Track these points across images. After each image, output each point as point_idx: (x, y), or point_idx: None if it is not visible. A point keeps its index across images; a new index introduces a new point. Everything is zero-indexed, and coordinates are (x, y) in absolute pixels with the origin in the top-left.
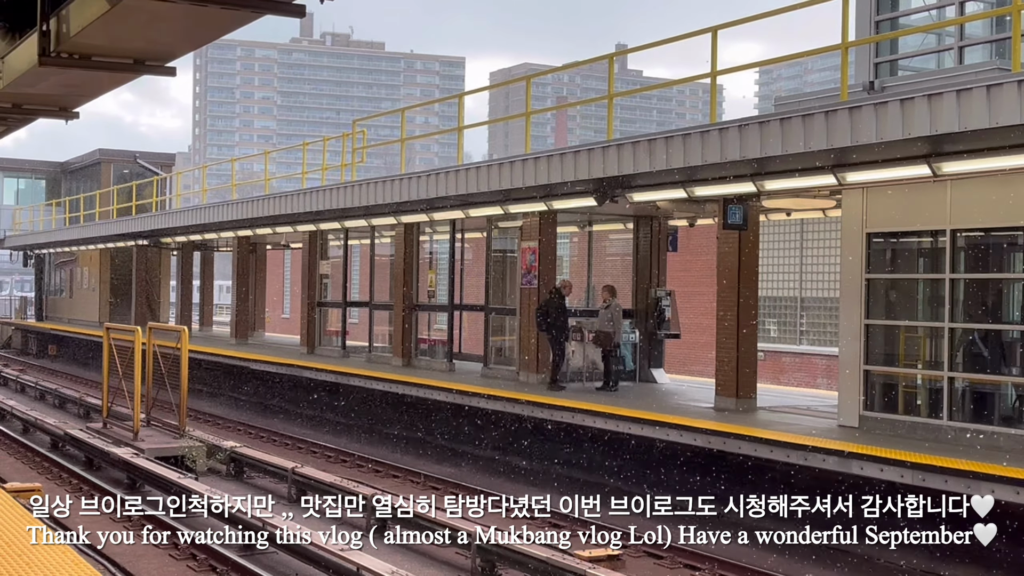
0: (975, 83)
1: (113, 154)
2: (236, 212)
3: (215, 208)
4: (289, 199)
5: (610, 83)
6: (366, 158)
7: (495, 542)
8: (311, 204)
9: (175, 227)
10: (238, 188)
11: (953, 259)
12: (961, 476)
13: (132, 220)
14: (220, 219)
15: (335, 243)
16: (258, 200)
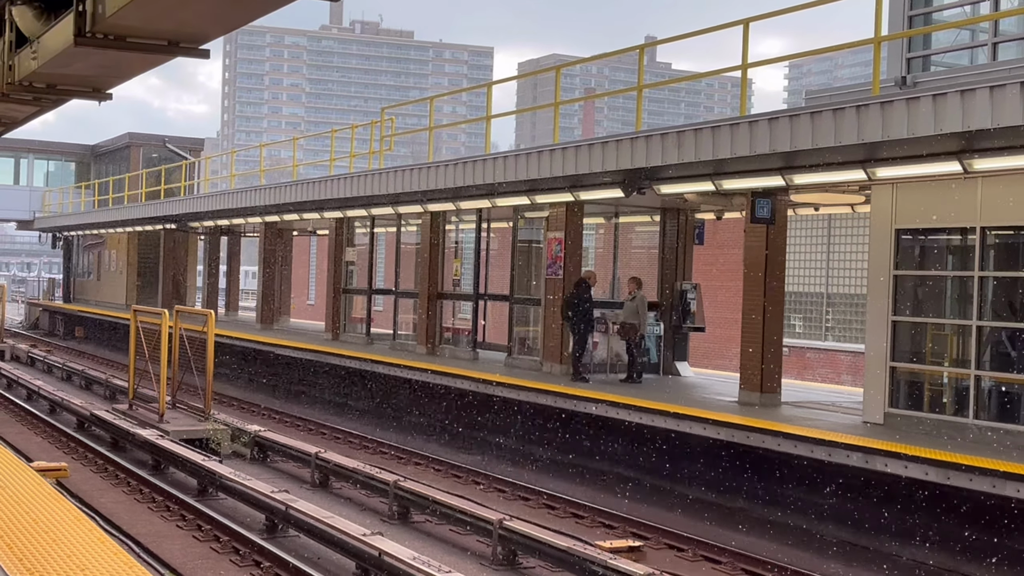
0: (1009, 80)
1: (142, 138)
2: (263, 198)
3: (243, 193)
4: (316, 186)
5: (640, 73)
6: (394, 146)
7: (517, 530)
8: (338, 191)
9: (203, 211)
10: (266, 174)
11: (982, 257)
12: (987, 475)
13: (160, 204)
14: (247, 204)
15: (361, 230)
16: (285, 186)
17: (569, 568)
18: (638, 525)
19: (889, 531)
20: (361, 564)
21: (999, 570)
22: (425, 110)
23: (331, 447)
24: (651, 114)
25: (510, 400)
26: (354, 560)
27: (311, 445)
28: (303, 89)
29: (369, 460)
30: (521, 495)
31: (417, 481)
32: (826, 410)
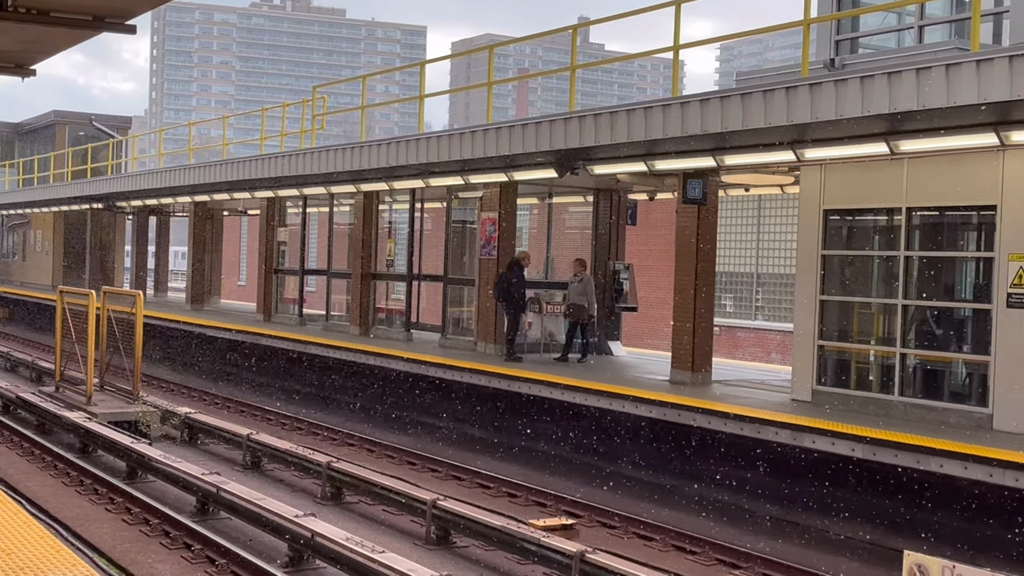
0: (934, 62)
1: (68, 116)
2: (193, 177)
3: (171, 173)
4: (247, 165)
5: (573, 54)
6: (326, 125)
7: (450, 510)
8: (269, 170)
9: (131, 191)
10: (195, 153)
11: (908, 237)
12: (911, 451)
13: (87, 183)
14: (176, 184)
15: (293, 210)
16: (215, 165)
17: (503, 547)
18: (571, 503)
19: (818, 507)
20: (294, 545)
21: (925, 543)
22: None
23: (263, 429)
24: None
25: (444, 380)
26: (287, 542)
27: (243, 427)
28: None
29: (302, 441)
30: (455, 475)
31: (350, 462)
32: (756, 388)
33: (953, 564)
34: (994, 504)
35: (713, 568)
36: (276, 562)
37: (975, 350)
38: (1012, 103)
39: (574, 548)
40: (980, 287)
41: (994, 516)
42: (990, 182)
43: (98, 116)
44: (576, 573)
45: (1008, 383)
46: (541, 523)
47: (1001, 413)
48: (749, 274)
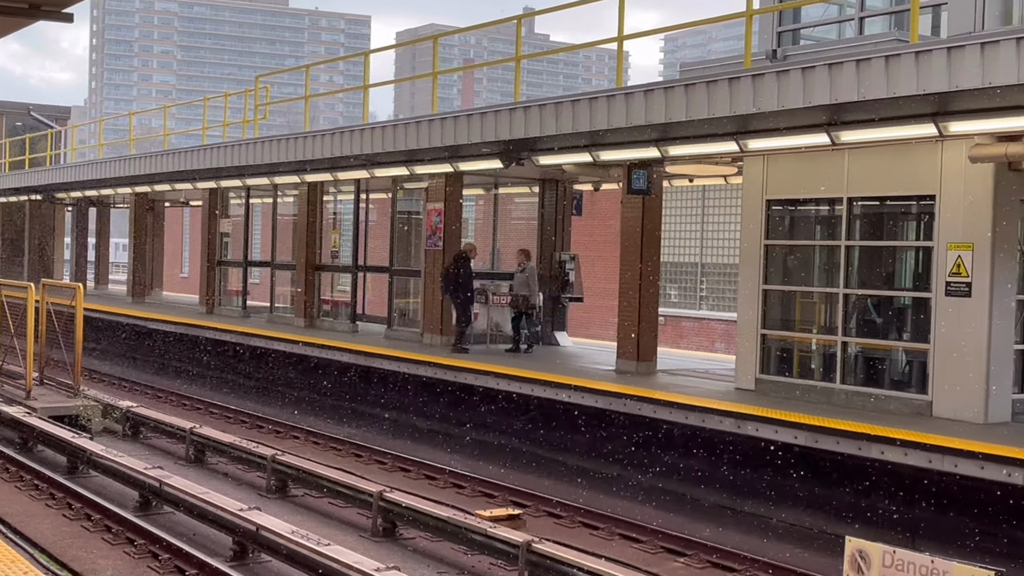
0: (874, 53)
1: (5, 106)
2: (133, 168)
3: (112, 163)
4: (188, 155)
5: (517, 45)
6: (269, 115)
7: (396, 502)
8: (211, 161)
9: (70, 182)
10: (136, 143)
11: (849, 227)
12: (853, 438)
13: (25, 174)
14: (117, 175)
15: (236, 201)
16: (156, 156)
17: (449, 538)
18: (518, 493)
19: (761, 494)
20: (238, 539)
21: (866, 529)
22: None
23: (207, 422)
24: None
25: (390, 372)
26: (231, 535)
27: (186, 420)
28: (174, 56)
29: (246, 435)
30: (401, 466)
31: (296, 455)
32: (700, 377)
33: (894, 549)
34: (934, 490)
35: (658, 556)
36: (221, 556)
37: (915, 338)
38: (950, 94)
39: (521, 538)
40: (920, 276)
41: (934, 502)
42: (929, 172)
43: (36, 106)
44: (523, 563)
45: (947, 370)
46: (488, 514)
47: (940, 400)
48: (694, 264)
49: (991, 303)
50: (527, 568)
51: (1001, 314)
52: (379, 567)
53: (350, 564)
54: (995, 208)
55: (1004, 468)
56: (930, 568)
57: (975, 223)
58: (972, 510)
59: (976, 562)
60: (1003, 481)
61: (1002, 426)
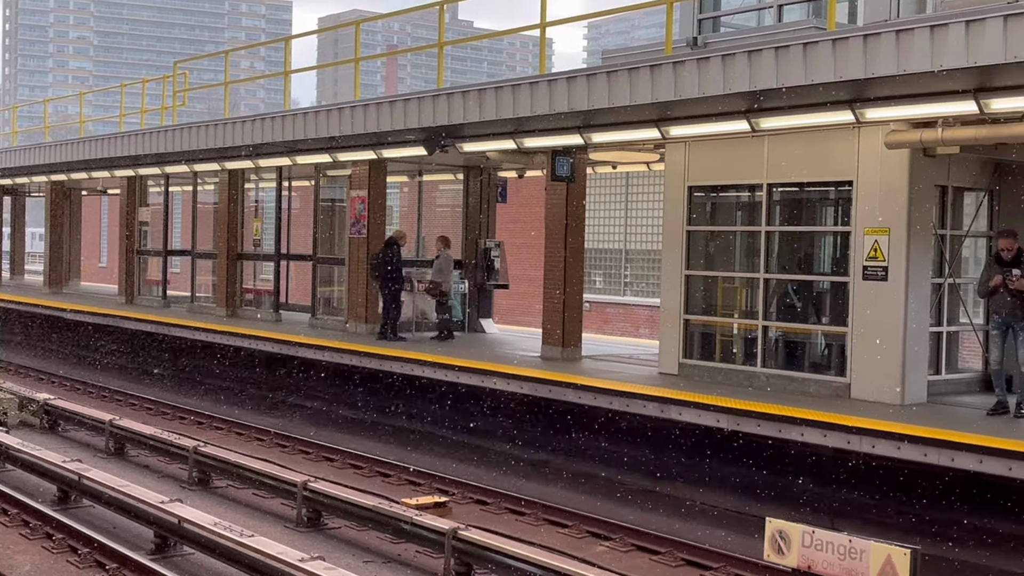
0: (792, 41)
1: None
2: (49, 156)
3: (26, 151)
4: (105, 143)
5: (440, 31)
6: (188, 102)
7: (321, 491)
8: (129, 148)
9: None
10: (51, 131)
11: (769, 212)
12: (773, 420)
13: None
14: (31, 163)
15: (155, 189)
16: (73, 143)
17: (375, 526)
18: (444, 481)
19: (685, 477)
20: (160, 532)
21: (786, 510)
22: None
23: (127, 414)
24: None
25: (315, 361)
26: (153, 528)
27: (105, 412)
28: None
29: (168, 426)
30: (326, 456)
31: (218, 446)
32: (624, 362)
33: (813, 529)
34: (852, 470)
35: (584, 540)
36: (142, 550)
37: (833, 322)
38: (866, 81)
39: (447, 526)
40: (838, 261)
41: (853, 482)
42: (847, 158)
43: None
44: (449, 550)
45: (864, 353)
46: (414, 502)
47: (858, 382)
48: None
49: (907, 287)
50: (453, 555)
51: (917, 297)
52: (303, 557)
53: (274, 555)
54: (911, 193)
55: (920, 448)
56: (848, 547)
57: (891, 208)
58: (890, 490)
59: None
60: (919, 461)
61: (918, 407)
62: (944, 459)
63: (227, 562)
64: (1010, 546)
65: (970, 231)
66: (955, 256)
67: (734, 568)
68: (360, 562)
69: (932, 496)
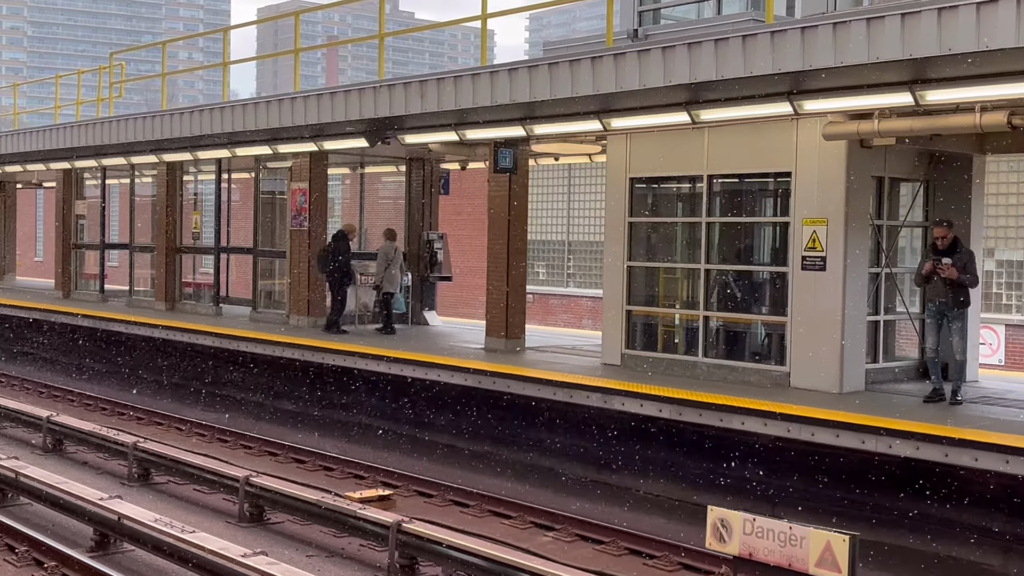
0: (732, 33)
1: None
2: None
3: None
4: (40, 135)
5: (381, 22)
6: (124, 93)
7: (263, 486)
8: (65, 140)
9: None
10: None
11: (709, 204)
12: (714, 409)
13: None
14: None
15: (92, 182)
16: (6, 136)
17: (319, 520)
18: (388, 474)
19: (628, 467)
20: (100, 530)
21: (727, 497)
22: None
23: (65, 410)
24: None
25: (257, 355)
26: (92, 526)
27: (42, 409)
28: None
29: (107, 422)
30: (269, 450)
31: (159, 441)
32: (568, 353)
33: (754, 517)
34: (793, 458)
35: (528, 531)
36: (81, 547)
37: (773, 312)
38: (804, 73)
39: (391, 519)
40: (777, 251)
41: (793, 470)
42: (785, 150)
43: None
44: (393, 543)
45: (803, 342)
46: (357, 495)
47: (798, 371)
48: (561, 242)
49: (845, 276)
50: (397, 548)
51: (854, 287)
52: (246, 553)
53: (216, 551)
54: (848, 184)
55: (859, 436)
56: (788, 534)
57: (829, 199)
58: (829, 477)
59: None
60: (858, 448)
61: (856, 395)
62: (882, 446)
63: (168, 559)
64: (946, 531)
65: (906, 221)
66: (891, 246)
67: (676, 556)
68: (303, 556)
69: (870, 483)
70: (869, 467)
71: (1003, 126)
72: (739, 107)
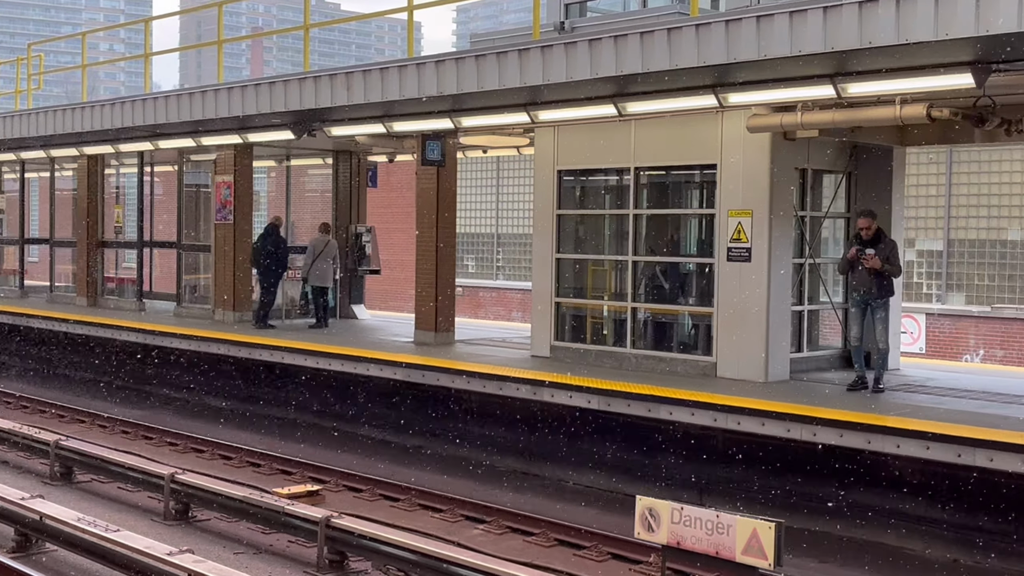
0: (657, 26)
1: None
2: None
3: None
4: None
5: (306, 13)
6: (44, 85)
7: (189, 483)
8: None
9: None
10: None
11: (637, 196)
12: (642, 400)
13: None
14: None
15: (11, 176)
16: None
17: (246, 517)
18: (317, 469)
19: (558, 458)
20: (21, 530)
21: (656, 487)
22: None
23: None
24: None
25: (182, 351)
26: (13, 526)
27: None
28: None
29: (27, 420)
30: (195, 447)
31: (82, 439)
32: (497, 346)
33: (681, 506)
34: (720, 447)
35: (459, 524)
36: (2, 548)
37: (700, 302)
38: (728, 66)
39: (319, 514)
40: (704, 243)
41: (720, 458)
42: (711, 142)
43: None
44: (322, 539)
45: (729, 333)
46: (286, 491)
47: (724, 361)
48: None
49: (769, 267)
50: (326, 544)
51: (779, 278)
52: (172, 551)
53: (141, 549)
54: (772, 176)
55: (784, 424)
56: (715, 522)
57: (753, 191)
58: (756, 465)
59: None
60: (783, 436)
61: (781, 384)
62: (806, 434)
63: (93, 558)
64: (869, 516)
65: (829, 212)
66: (815, 237)
67: (606, 546)
68: (231, 554)
69: (796, 470)
70: (795, 455)
71: (922, 118)
72: (665, 100)
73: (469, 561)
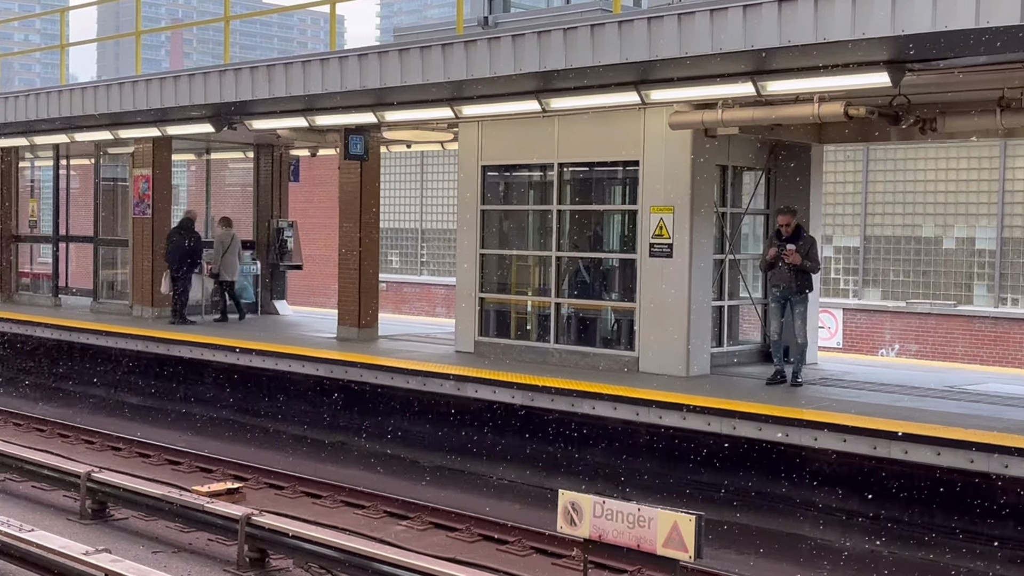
0: (580, 22)
1: None
2: None
3: None
4: None
5: (226, 4)
6: None
7: (106, 482)
8: None
9: None
10: None
11: (560, 191)
12: (565, 395)
13: None
14: None
15: None
16: None
17: (165, 515)
18: (238, 467)
19: (482, 454)
20: None
21: (581, 481)
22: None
23: None
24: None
25: (98, 347)
26: None
27: None
28: None
29: None
30: (112, 445)
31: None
32: (421, 342)
33: (603, 500)
34: (642, 441)
35: (382, 520)
36: None
37: (623, 298)
38: (651, 63)
39: (240, 512)
40: (626, 238)
41: (642, 452)
42: (633, 139)
43: None
44: (242, 537)
45: (651, 328)
46: (205, 489)
47: (646, 356)
48: (414, 230)
49: (691, 263)
50: (247, 541)
51: (700, 273)
52: (88, 550)
53: (57, 549)
54: (693, 173)
55: (704, 418)
56: (637, 515)
57: (675, 187)
58: (677, 458)
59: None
60: (704, 430)
61: (703, 378)
62: (726, 427)
63: (7, 559)
64: (789, 508)
65: (749, 209)
66: (735, 233)
67: (529, 541)
68: (149, 552)
69: (717, 463)
70: (715, 448)
71: (840, 116)
72: (588, 96)
73: (392, 558)
